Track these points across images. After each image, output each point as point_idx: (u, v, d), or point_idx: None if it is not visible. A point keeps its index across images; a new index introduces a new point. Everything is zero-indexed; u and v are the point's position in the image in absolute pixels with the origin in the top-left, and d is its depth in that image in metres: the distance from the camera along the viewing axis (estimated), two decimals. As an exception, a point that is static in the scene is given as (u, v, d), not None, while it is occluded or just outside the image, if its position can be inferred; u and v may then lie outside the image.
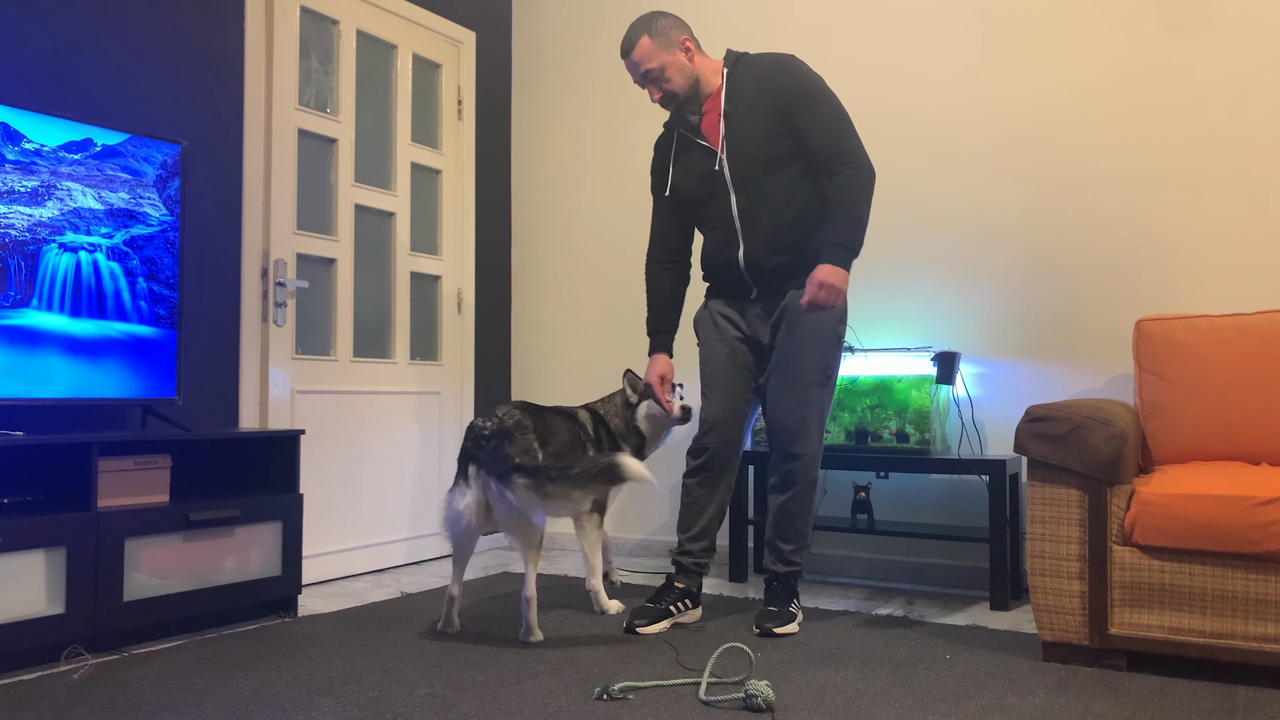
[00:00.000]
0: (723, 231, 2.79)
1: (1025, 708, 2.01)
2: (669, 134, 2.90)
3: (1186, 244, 3.07)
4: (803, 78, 2.72)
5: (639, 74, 2.76)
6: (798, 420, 2.69)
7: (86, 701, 2.05)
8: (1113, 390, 3.16)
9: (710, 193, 2.79)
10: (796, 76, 2.73)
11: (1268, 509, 2.12)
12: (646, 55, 2.73)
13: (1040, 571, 2.36)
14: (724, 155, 2.74)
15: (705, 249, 2.88)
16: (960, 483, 3.37)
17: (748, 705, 1.99)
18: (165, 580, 2.56)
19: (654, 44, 2.72)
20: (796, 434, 2.70)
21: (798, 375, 2.70)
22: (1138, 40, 3.16)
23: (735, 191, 2.75)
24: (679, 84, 2.75)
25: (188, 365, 3.05)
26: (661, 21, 2.74)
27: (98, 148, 2.65)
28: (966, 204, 3.40)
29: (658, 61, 2.73)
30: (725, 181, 2.75)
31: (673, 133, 2.88)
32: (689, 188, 2.83)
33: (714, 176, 2.77)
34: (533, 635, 2.54)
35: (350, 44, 3.62)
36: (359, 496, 3.59)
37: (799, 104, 2.70)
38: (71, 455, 2.50)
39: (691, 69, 2.76)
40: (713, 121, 2.78)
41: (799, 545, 2.77)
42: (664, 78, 2.74)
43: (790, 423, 2.70)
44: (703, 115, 2.80)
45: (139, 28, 2.97)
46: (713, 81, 2.79)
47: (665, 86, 2.74)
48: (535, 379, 4.30)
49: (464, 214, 4.11)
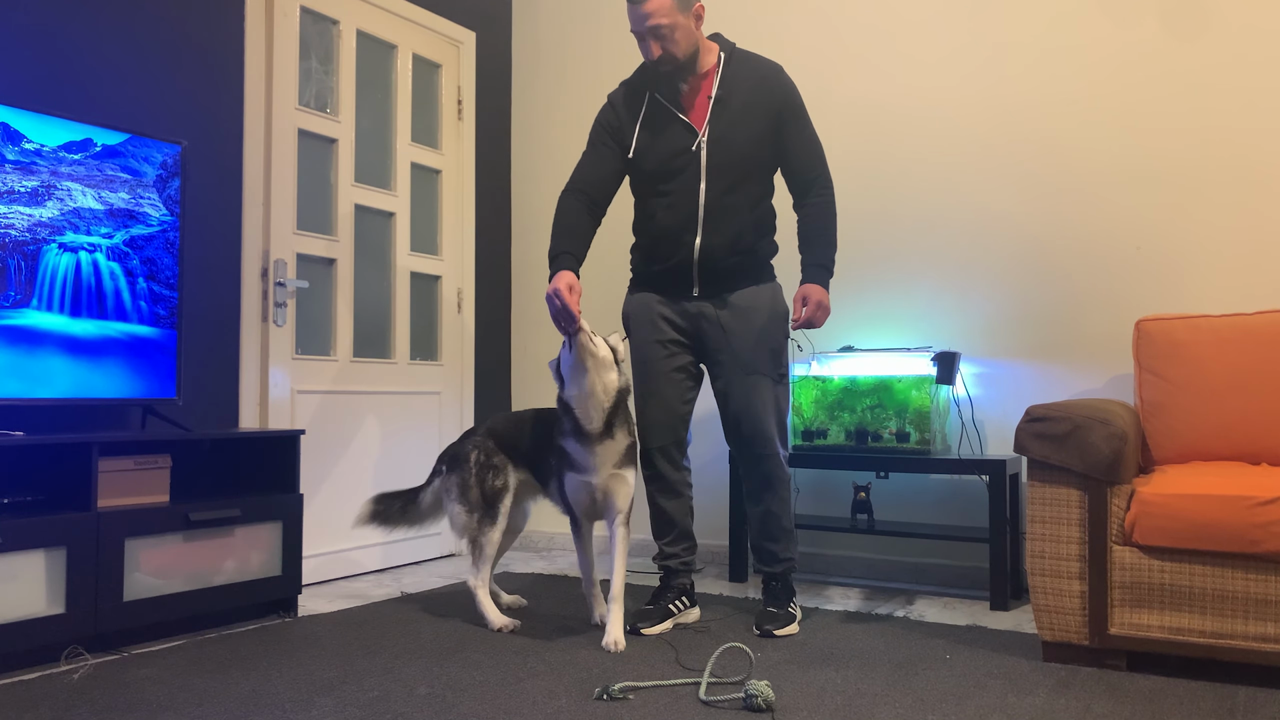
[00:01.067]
0: (679, 214, 2.67)
1: (1025, 708, 2.01)
2: (637, 95, 2.73)
3: (1186, 244, 3.07)
4: (797, 94, 2.73)
5: (644, 25, 2.57)
6: (758, 420, 2.68)
7: (86, 701, 2.05)
8: (1113, 390, 3.16)
9: (677, 171, 2.67)
10: (793, 91, 2.72)
11: (1268, 509, 2.12)
12: (661, 9, 2.55)
13: (1040, 571, 2.36)
14: (705, 139, 2.66)
15: (651, 227, 2.73)
16: (960, 483, 3.37)
17: (748, 705, 1.99)
18: (165, 580, 2.56)
19: (673, 2, 2.56)
20: (759, 434, 2.69)
21: (754, 376, 2.68)
22: (1138, 40, 3.16)
23: (708, 179, 2.65)
24: (683, 48, 2.61)
25: (188, 365, 3.05)
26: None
27: (98, 148, 2.65)
28: (967, 204, 3.40)
29: (670, 19, 2.56)
30: (699, 165, 2.65)
31: (643, 95, 2.72)
32: (654, 158, 2.69)
33: (687, 156, 2.66)
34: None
35: (350, 44, 3.62)
36: (359, 496, 3.58)
37: (793, 118, 2.70)
38: (71, 455, 2.50)
39: (696, 37, 2.64)
40: (700, 102, 2.70)
41: (787, 541, 2.77)
42: (671, 38, 2.58)
43: (752, 423, 2.69)
44: (688, 91, 2.69)
45: (139, 28, 2.97)
46: (707, 60, 2.70)
47: (668, 46, 2.59)
48: (535, 379, 4.30)
49: (464, 214, 4.11)
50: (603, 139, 2.75)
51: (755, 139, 2.67)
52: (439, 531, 3.92)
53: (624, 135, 2.74)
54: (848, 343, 3.55)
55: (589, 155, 2.75)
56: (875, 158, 3.57)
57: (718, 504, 3.70)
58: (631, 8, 2.59)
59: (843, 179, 3.61)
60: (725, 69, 2.69)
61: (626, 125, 2.74)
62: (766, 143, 2.69)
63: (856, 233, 3.57)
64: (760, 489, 2.73)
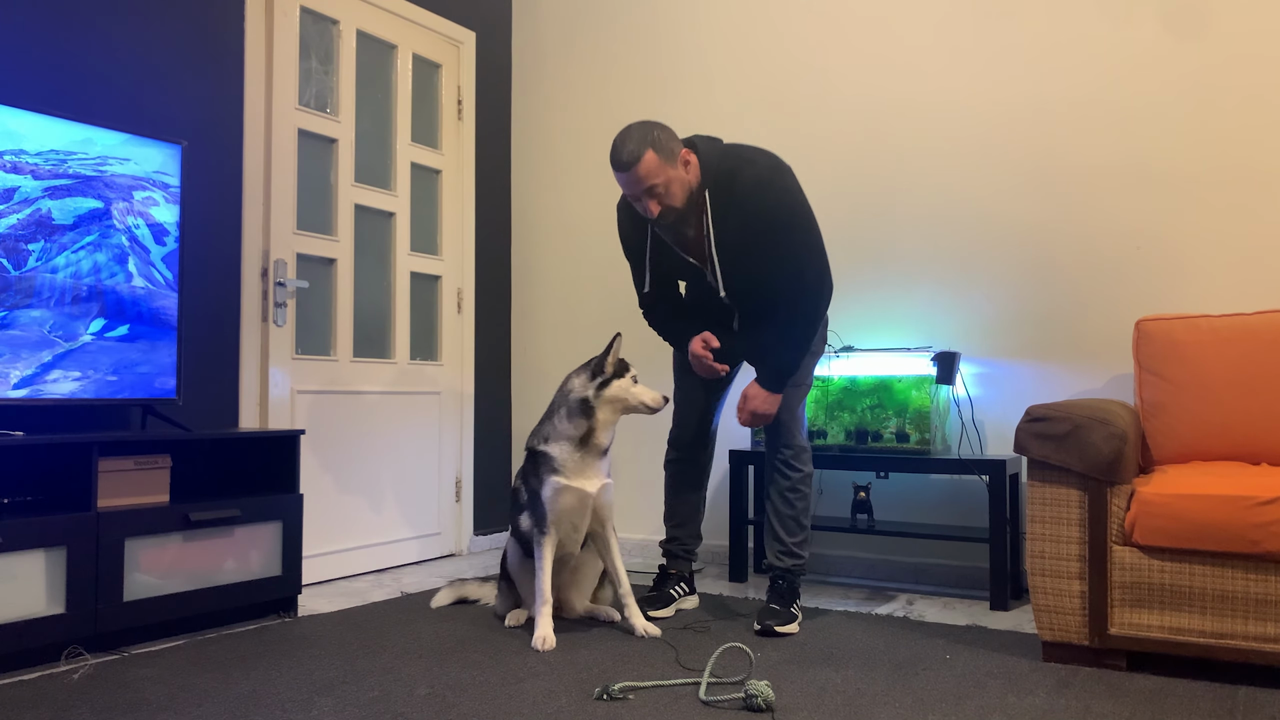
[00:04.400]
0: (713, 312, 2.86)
1: (1025, 708, 2.01)
2: (640, 222, 2.74)
3: (1186, 244, 3.07)
4: (783, 210, 2.61)
5: (640, 189, 2.54)
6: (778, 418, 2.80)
7: (86, 701, 2.05)
8: (1113, 390, 3.16)
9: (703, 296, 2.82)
10: (777, 210, 2.60)
11: (1268, 509, 2.12)
12: (652, 171, 2.52)
13: (1040, 571, 2.36)
14: (719, 281, 2.70)
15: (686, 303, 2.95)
16: (960, 483, 3.37)
17: (748, 705, 1.99)
18: (165, 580, 2.56)
19: (659, 159, 2.52)
20: (781, 428, 2.81)
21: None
22: (1138, 40, 3.16)
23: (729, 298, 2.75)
24: (680, 199, 2.58)
25: (188, 365, 3.05)
26: (659, 132, 2.55)
27: (98, 148, 2.65)
28: (967, 204, 3.40)
29: (662, 177, 2.53)
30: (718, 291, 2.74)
31: (645, 228, 2.75)
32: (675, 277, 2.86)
33: (705, 284, 2.79)
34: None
35: (350, 44, 3.62)
36: (359, 496, 3.59)
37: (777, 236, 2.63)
38: (71, 455, 2.50)
39: (689, 181, 2.59)
40: (698, 239, 2.68)
41: (803, 537, 2.81)
42: (667, 193, 2.56)
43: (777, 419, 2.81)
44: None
45: (139, 28, 2.97)
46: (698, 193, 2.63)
47: (665, 201, 2.56)
48: (535, 379, 4.30)
49: (464, 214, 4.11)
50: (632, 252, 2.85)
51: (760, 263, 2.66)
52: (438, 531, 3.92)
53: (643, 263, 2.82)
54: (848, 343, 3.55)
55: (635, 269, 2.86)
56: (876, 157, 3.57)
57: (718, 504, 3.70)
58: (623, 175, 2.54)
59: (843, 179, 3.61)
60: (713, 208, 2.62)
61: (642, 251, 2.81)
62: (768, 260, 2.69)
63: (856, 233, 3.57)
64: (782, 473, 2.81)
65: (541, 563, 2.56)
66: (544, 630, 2.50)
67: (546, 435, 2.63)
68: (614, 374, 2.58)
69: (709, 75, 3.91)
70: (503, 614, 2.78)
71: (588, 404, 2.58)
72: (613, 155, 2.55)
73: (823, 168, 3.64)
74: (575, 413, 2.59)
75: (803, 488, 2.81)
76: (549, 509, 2.56)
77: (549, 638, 2.49)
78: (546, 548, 2.57)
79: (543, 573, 2.56)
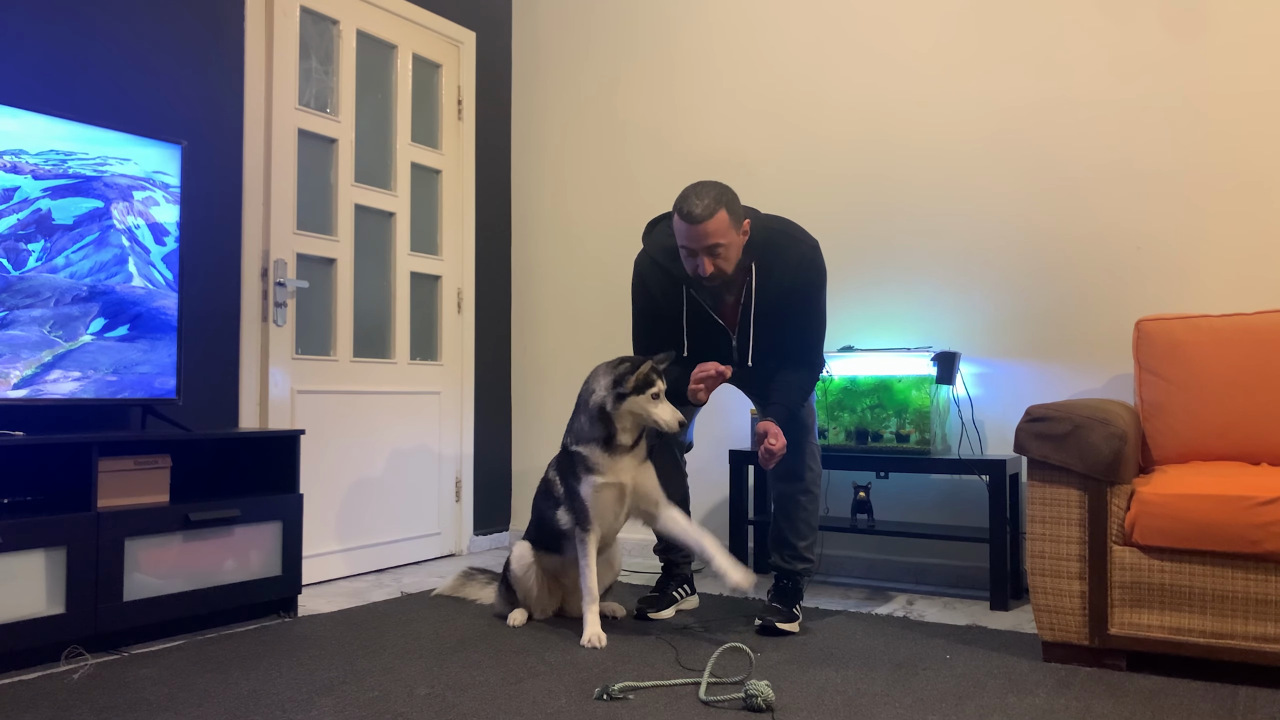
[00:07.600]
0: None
1: (1025, 708, 2.01)
2: (674, 284, 2.73)
3: (1186, 244, 3.07)
4: (815, 288, 2.70)
5: (703, 244, 2.52)
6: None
7: (86, 701, 2.05)
8: (1113, 390, 3.16)
9: (711, 345, 2.78)
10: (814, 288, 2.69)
11: (1268, 509, 2.12)
12: (721, 230, 2.51)
13: (1040, 571, 2.36)
14: (749, 344, 2.72)
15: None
16: (960, 483, 3.37)
17: (748, 705, 1.99)
18: (165, 580, 2.56)
19: (729, 220, 2.52)
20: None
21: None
22: (1138, 40, 3.16)
23: (747, 363, 2.76)
24: (733, 264, 2.60)
25: (188, 365, 3.05)
26: (731, 195, 2.55)
27: (98, 148, 2.65)
28: (967, 204, 3.40)
29: (727, 239, 2.53)
30: (735, 352, 2.76)
31: (680, 288, 2.73)
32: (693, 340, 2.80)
33: (727, 347, 2.77)
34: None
35: (350, 44, 3.62)
36: (359, 496, 3.59)
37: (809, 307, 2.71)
38: (71, 455, 2.50)
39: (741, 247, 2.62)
40: (731, 305, 2.73)
41: (813, 539, 2.82)
42: (726, 256, 2.56)
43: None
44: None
45: (139, 28, 2.97)
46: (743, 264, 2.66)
47: (720, 265, 2.56)
48: (535, 379, 4.30)
49: (464, 214, 4.11)
50: (659, 313, 2.77)
51: (792, 328, 2.71)
52: (438, 531, 3.93)
53: (679, 328, 2.76)
54: (848, 343, 3.55)
55: (656, 330, 2.78)
56: (876, 157, 3.57)
57: (718, 504, 3.70)
58: (690, 228, 2.51)
59: (843, 178, 3.61)
60: (757, 277, 2.66)
61: (673, 307, 2.75)
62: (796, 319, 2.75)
63: (857, 232, 3.57)
64: (792, 473, 2.78)
65: (586, 559, 2.59)
66: (594, 629, 2.54)
67: (577, 436, 2.65)
68: (634, 389, 2.56)
69: (709, 75, 3.91)
70: (503, 613, 2.79)
71: (605, 411, 2.59)
72: (682, 206, 2.52)
73: (823, 167, 3.64)
74: (595, 418, 2.60)
75: (813, 489, 2.81)
76: (590, 506, 2.59)
77: (600, 635, 2.52)
78: (590, 544, 2.60)
79: (588, 569, 2.59)
